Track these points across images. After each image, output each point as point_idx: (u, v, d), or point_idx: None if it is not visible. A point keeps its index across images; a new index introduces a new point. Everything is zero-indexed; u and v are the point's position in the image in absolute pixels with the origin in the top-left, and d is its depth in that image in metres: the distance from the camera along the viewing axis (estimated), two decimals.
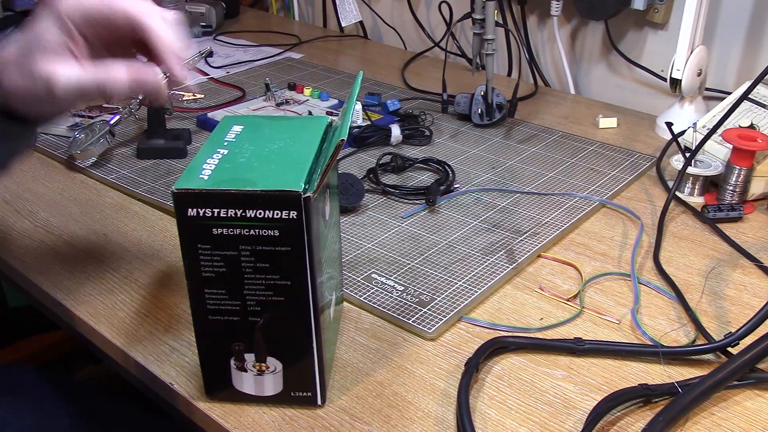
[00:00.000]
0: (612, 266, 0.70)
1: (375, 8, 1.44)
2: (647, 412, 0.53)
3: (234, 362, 0.50)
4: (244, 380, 0.51)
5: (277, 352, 0.50)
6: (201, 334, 0.50)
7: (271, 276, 0.46)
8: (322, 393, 0.52)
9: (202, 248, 0.46)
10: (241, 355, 0.50)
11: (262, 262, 0.46)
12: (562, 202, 0.80)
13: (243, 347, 0.49)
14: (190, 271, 0.47)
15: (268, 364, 0.50)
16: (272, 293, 0.47)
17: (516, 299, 0.65)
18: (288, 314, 0.48)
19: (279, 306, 0.48)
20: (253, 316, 0.48)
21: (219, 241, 0.45)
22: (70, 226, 0.75)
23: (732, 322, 0.62)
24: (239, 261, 0.46)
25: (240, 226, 0.45)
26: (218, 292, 0.47)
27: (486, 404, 0.53)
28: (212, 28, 1.41)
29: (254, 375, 0.51)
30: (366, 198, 0.80)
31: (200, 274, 0.47)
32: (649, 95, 1.13)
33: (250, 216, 0.45)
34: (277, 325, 0.48)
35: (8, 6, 1.34)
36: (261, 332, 0.49)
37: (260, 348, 0.49)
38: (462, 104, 1.01)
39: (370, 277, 0.67)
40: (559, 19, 1.17)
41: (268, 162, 0.48)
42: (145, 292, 0.65)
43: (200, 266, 0.46)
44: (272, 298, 0.47)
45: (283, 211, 0.44)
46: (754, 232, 0.76)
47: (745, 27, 1.01)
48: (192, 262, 0.47)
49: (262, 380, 0.51)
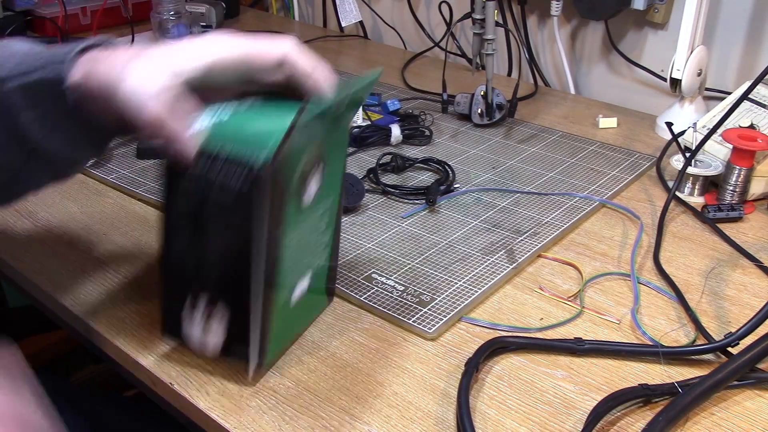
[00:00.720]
0: (612, 266, 0.70)
1: (375, 8, 1.44)
2: (647, 412, 0.53)
3: (189, 300, 0.53)
4: (194, 324, 0.53)
5: (225, 298, 0.52)
6: (166, 268, 0.53)
7: (228, 231, 0.49)
8: (260, 355, 0.54)
9: (180, 185, 0.49)
10: (198, 293, 0.52)
11: (222, 214, 0.49)
12: (562, 202, 0.81)
13: (199, 288, 0.52)
14: (167, 204, 0.51)
15: (218, 310, 0.52)
16: (227, 247, 0.50)
17: (516, 299, 0.65)
18: (238, 267, 0.50)
19: (231, 261, 0.50)
20: (213, 259, 0.51)
21: (193, 183, 0.49)
22: (70, 226, 0.75)
23: (732, 322, 0.62)
24: (206, 205, 0.49)
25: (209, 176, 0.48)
26: (186, 230, 0.51)
27: (486, 404, 0.53)
28: (212, 28, 1.40)
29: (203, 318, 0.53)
30: (366, 198, 0.80)
31: (175, 208, 0.50)
32: (649, 95, 1.13)
33: (217, 169, 0.48)
34: (229, 278, 0.51)
35: (8, 6, 1.34)
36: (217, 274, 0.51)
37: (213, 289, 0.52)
38: (462, 104, 1.01)
39: (370, 277, 0.67)
40: (559, 19, 1.17)
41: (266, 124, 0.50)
42: (145, 292, 0.65)
43: (175, 201, 0.50)
44: (227, 252, 0.50)
45: (242, 175, 0.47)
46: (754, 232, 0.76)
47: (745, 27, 1.01)
48: (170, 196, 0.50)
49: (209, 326, 0.53)
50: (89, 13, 1.38)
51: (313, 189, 0.54)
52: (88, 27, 1.34)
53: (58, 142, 0.52)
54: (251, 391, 0.54)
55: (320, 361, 0.57)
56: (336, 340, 0.59)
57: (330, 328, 0.61)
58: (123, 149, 0.91)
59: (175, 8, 1.28)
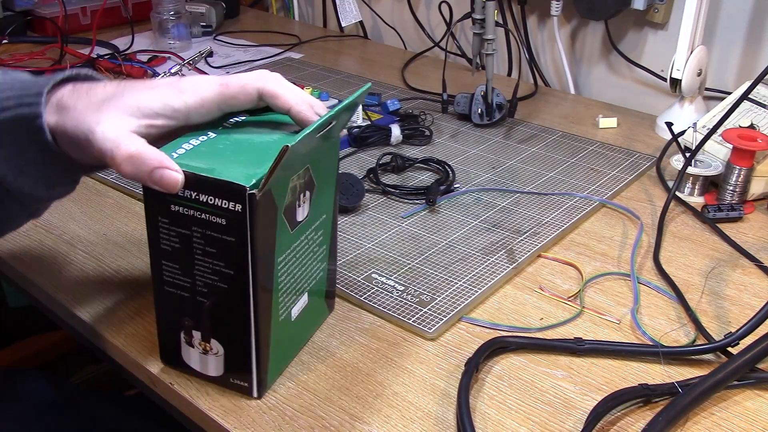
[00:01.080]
0: (612, 266, 0.70)
1: (375, 8, 1.44)
2: (647, 412, 0.53)
3: (183, 336, 0.52)
4: (191, 355, 0.53)
5: (219, 337, 0.51)
6: (158, 303, 0.52)
7: (217, 262, 0.48)
8: (260, 386, 0.53)
9: (161, 221, 0.48)
10: (190, 330, 0.52)
11: (210, 247, 0.48)
12: (562, 202, 0.81)
13: (192, 324, 0.51)
14: (151, 241, 0.49)
15: (212, 346, 0.52)
16: (217, 279, 0.49)
17: (516, 299, 0.65)
18: (230, 302, 0.49)
19: (223, 293, 0.49)
20: (201, 297, 0.50)
21: (175, 218, 0.47)
22: (70, 226, 0.75)
23: (732, 322, 0.62)
24: (191, 241, 0.48)
25: (193, 207, 0.47)
26: (173, 266, 0.50)
27: (486, 404, 0.53)
28: (212, 28, 1.41)
29: (200, 353, 0.52)
30: (366, 198, 0.80)
31: (159, 245, 0.49)
32: (649, 95, 1.13)
33: (202, 200, 0.46)
34: (221, 310, 0.50)
35: (8, 6, 1.34)
36: (207, 313, 0.50)
37: (205, 328, 0.51)
38: (462, 104, 1.01)
39: (370, 277, 0.67)
40: (559, 19, 1.17)
41: (242, 153, 0.49)
42: (145, 292, 0.65)
43: (159, 238, 0.49)
44: (217, 283, 0.49)
45: (229, 203, 0.45)
46: (754, 232, 0.76)
47: (745, 27, 1.01)
48: (153, 233, 0.49)
49: (206, 360, 0.53)
50: (89, 13, 1.38)
51: (305, 206, 0.52)
52: (88, 27, 1.34)
53: (32, 183, 0.50)
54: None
55: (320, 361, 0.57)
56: (336, 340, 0.59)
57: (330, 328, 0.61)
58: None
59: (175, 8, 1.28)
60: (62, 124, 0.48)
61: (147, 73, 1.14)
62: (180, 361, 0.54)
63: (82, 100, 0.48)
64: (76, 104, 0.48)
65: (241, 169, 0.46)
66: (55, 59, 1.20)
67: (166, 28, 1.28)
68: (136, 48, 1.28)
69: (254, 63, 1.25)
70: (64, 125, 0.48)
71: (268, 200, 0.46)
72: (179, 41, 1.29)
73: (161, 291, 0.51)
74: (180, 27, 1.29)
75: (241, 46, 1.34)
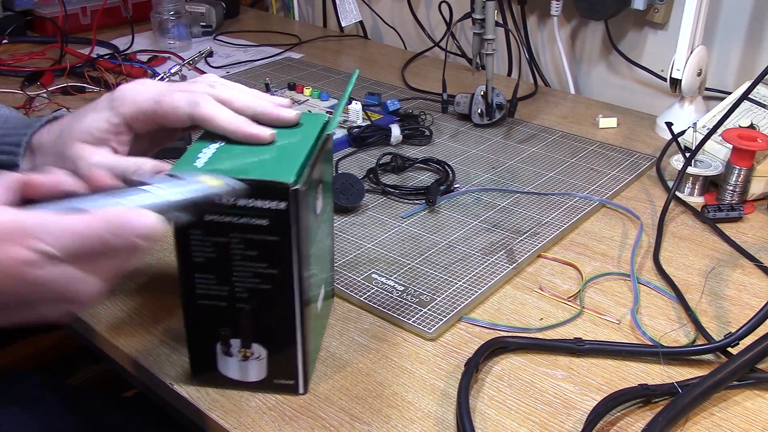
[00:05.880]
0: (612, 266, 0.70)
1: (375, 8, 1.44)
2: (647, 412, 0.53)
3: (220, 347, 0.51)
4: (229, 365, 0.52)
5: (262, 339, 0.51)
6: (189, 318, 0.51)
7: (259, 264, 0.47)
8: (305, 382, 0.53)
9: (193, 234, 0.47)
10: (227, 340, 0.51)
11: (250, 250, 0.47)
12: (562, 202, 0.81)
13: (229, 332, 0.50)
14: (182, 256, 0.48)
15: (253, 351, 0.51)
16: (260, 281, 0.48)
17: (516, 299, 0.65)
18: (274, 303, 0.49)
19: (266, 294, 0.48)
20: (241, 303, 0.49)
21: (210, 228, 0.46)
22: None
23: (732, 322, 0.62)
24: (229, 248, 0.47)
25: (231, 213, 0.46)
26: (207, 277, 0.48)
27: (486, 404, 0.53)
28: (212, 28, 1.41)
29: (239, 360, 0.51)
30: (366, 198, 0.80)
31: (191, 258, 0.48)
32: (649, 95, 1.13)
33: (240, 205, 0.45)
34: (263, 312, 0.49)
35: (8, 6, 1.34)
36: (248, 318, 0.50)
37: (246, 334, 0.50)
38: (462, 104, 1.01)
39: (370, 277, 0.67)
40: (559, 19, 1.17)
41: (262, 154, 0.49)
42: (145, 292, 0.65)
43: (191, 252, 0.47)
44: (259, 286, 0.48)
45: (272, 202, 0.45)
46: (754, 232, 0.76)
47: (745, 27, 1.01)
48: (183, 247, 0.47)
49: (246, 366, 0.52)
50: (89, 13, 1.38)
51: (321, 198, 0.53)
52: (88, 27, 1.34)
53: None
54: (251, 391, 0.54)
55: (320, 361, 0.57)
56: (336, 341, 0.59)
57: (330, 329, 0.61)
58: None
59: (175, 8, 1.28)
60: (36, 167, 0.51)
61: (147, 73, 1.14)
62: (214, 375, 0.52)
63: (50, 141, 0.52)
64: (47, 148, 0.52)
65: (273, 168, 0.46)
66: (55, 59, 1.20)
67: (166, 28, 1.28)
68: (136, 48, 1.28)
69: (254, 63, 1.25)
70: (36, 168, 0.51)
71: (306, 194, 0.47)
72: (179, 41, 1.29)
73: (193, 306, 0.50)
74: (180, 27, 1.29)
75: (241, 46, 1.34)
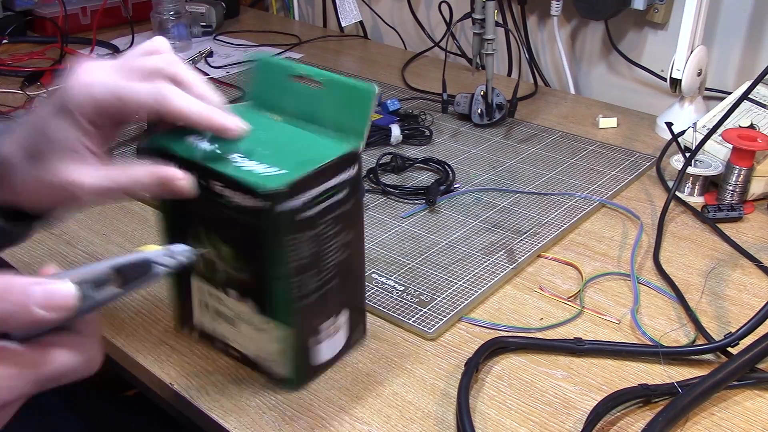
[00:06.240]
0: (612, 266, 0.70)
1: (375, 8, 1.44)
2: (647, 412, 0.53)
3: (313, 339, 0.52)
4: (323, 351, 0.53)
5: (347, 303, 0.53)
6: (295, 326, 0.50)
7: (343, 234, 0.49)
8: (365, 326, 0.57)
9: (288, 239, 0.46)
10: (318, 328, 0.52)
11: (335, 226, 0.48)
12: (562, 202, 0.81)
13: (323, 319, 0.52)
14: (276, 268, 0.47)
15: (338, 323, 0.53)
16: (342, 251, 0.50)
17: (516, 299, 0.65)
18: (351, 263, 0.51)
19: (344, 262, 0.50)
20: (329, 281, 0.50)
21: (303, 225, 0.46)
22: (70, 226, 0.75)
23: (732, 322, 0.62)
24: (321, 234, 0.48)
25: (319, 201, 0.47)
26: (307, 275, 0.48)
27: (486, 404, 0.53)
28: (212, 28, 1.40)
29: (329, 340, 0.53)
30: (366, 198, 0.80)
31: (287, 264, 0.47)
32: (649, 95, 1.13)
33: (325, 188, 0.46)
34: (343, 278, 0.51)
35: (8, 6, 1.34)
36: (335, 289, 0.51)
37: (334, 307, 0.52)
38: (462, 104, 1.01)
39: (370, 277, 0.67)
40: (559, 19, 1.17)
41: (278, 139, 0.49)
42: (145, 292, 0.65)
43: (287, 257, 0.46)
44: (342, 255, 0.50)
45: (348, 171, 0.47)
46: (754, 232, 0.76)
47: (745, 27, 1.01)
48: (280, 257, 0.46)
49: (333, 339, 0.53)
50: (89, 13, 1.38)
51: None
52: (88, 27, 1.34)
53: None
54: (251, 391, 0.54)
55: None
56: None
57: None
58: (123, 149, 0.91)
59: (175, 8, 1.28)
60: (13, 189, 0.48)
61: None
62: (311, 371, 0.54)
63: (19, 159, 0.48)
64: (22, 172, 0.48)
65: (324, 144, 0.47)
66: (55, 59, 1.20)
67: (166, 28, 1.28)
68: None
69: None
70: None
71: None
72: (179, 41, 1.29)
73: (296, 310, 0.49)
74: (180, 27, 1.29)
75: (241, 46, 1.34)
